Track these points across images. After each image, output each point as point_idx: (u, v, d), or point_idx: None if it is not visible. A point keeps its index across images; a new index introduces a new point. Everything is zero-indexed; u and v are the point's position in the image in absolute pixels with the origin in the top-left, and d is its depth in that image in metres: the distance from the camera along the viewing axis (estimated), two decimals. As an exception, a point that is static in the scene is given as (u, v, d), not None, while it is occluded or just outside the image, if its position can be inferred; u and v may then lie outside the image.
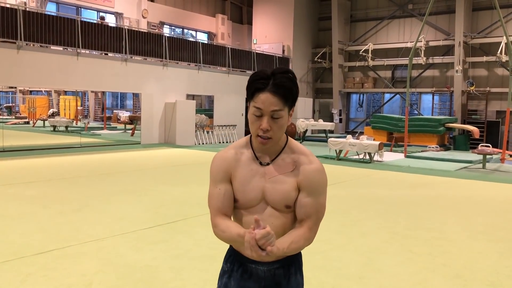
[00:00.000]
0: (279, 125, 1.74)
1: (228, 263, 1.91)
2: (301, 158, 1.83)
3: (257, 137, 1.76)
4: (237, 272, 1.87)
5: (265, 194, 1.80)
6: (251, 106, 1.75)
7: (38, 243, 4.94)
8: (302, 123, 18.82)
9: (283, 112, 1.73)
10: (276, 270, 1.85)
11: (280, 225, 1.81)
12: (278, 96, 1.70)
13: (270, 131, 1.73)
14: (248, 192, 1.79)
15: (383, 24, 22.41)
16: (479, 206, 7.63)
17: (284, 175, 1.80)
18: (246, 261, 1.85)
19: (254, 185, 1.80)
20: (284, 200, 1.79)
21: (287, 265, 1.88)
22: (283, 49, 22.82)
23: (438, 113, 21.01)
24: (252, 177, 1.80)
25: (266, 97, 1.69)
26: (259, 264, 1.84)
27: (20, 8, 12.96)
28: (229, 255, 1.92)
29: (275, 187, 1.79)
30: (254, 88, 1.72)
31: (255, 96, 1.72)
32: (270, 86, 1.69)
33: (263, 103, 1.70)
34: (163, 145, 16.12)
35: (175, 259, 4.51)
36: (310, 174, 1.81)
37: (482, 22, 19.66)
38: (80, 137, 16.36)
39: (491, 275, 4.35)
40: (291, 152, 1.84)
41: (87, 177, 9.38)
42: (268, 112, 1.70)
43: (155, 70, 16.34)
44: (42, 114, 24.86)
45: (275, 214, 1.80)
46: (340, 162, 12.99)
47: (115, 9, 20.95)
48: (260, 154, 1.83)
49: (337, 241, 5.37)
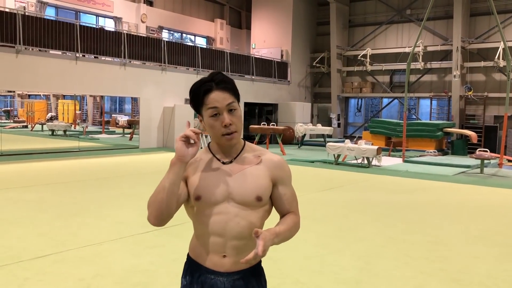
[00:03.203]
0: (237, 116, 1.76)
1: (187, 276, 1.84)
2: (263, 153, 1.85)
3: (221, 137, 1.75)
4: (196, 284, 1.80)
5: (231, 190, 1.74)
6: (205, 112, 1.75)
7: (36, 247, 4.93)
8: (301, 127, 18.82)
9: (236, 104, 1.77)
10: (236, 281, 1.78)
11: (246, 225, 1.74)
12: (227, 90, 1.74)
13: (233, 125, 1.74)
14: (211, 187, 1.74)
15: (381, 29, 22.49)
16: (476, 211, 7.64)
17: (251, 168, 1.79)
18: (205, 271, 1.79)
19: (218, 180, 1.75)
20: (255, 192, 1.75)
21: (247, 277, 1.80)
22: (282, 54, 22.87)
23: (436, 118, 21.04)
24: (214, 174, 1.77)
25: (217, 94, 1.73)
26: (219, 275, 1.77)
27: (19, 13, 12.98)
28: (187, 267, 1.86)
29: (244, 180, 1.76)
30: (203, 92, 1.74)
31: (206, 99, 1.74)
32: (215, 85, 1.74)
33: (216, 101, 1.72)
34: (162, 149, 16.12)
35: (173, 264, 4.51)
36: (279, 164, 1.84)
37: (480, 27, 19.74)
38: (78, 141, 16.35)
39: (488, 279, 4.36)
40: (251, 150, 1.85)
41: (85, 181, 9.38)
42: (224, 107, 1.73)
43: (154, 75, 16.37)
44: (40, 118, 24.84)
45: (242, 213, 1.74)
46: (338, 166, 13.01)
47: (114, 13, 20.99)
48: (220, 155, 1.81)
49: (334, 245, 5.38)
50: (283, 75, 22.33)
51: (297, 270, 4.43)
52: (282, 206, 1.85)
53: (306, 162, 13.74)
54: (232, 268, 1.76)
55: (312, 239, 5.52)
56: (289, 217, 1.84)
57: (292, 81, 22.89)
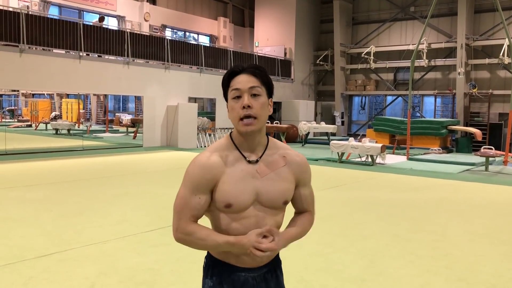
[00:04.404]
0: (259, 102, 1.69)
1: (213, 276, 1.80)
2: (288, 152, 1.83)
3: (239, 121, 1.69)
4: (226, 284, 1.77)
5: (259, 194, 1.73)
6: (229, 95, 1.73)
7: (40, 246, 4.94)
8: (304, 125, 18.80)
9: (261, 90, 1.71)
10: (265, 274, 1.82)
11: (273, 224, 1.76)
12: (254, 75, 1.71)
13: (253, 109, 1.67)
14: (242, 194, 1.70)
15: (385, 27, 22.41)
16: (481, 209, 7.60)
17: (278, 171, 1.77)
18: (236, 270, 1.78)
19: (247, 186, 1.71)
20: (283, 197, 1.77)
21: (273, 268, 1.87)
22: (285, 52, 22.84)
23: (441, 116, 20.95)
24: (243, 178, 1.72)
25: (243, 77, 1.70)
26: (249, 271, 1.77)
27: (22, 12, 13.01)
28: (212, 268, 1.81)
29: (272, 184, 1.74)
30: (230, 74, 1.72)
31: (231, 81, 1.71)
32: (245, 70, 1.71)
33: (240, 82, 1.70)
34: (165, 148, 16.13)
35: (177, 262, 4.51)
36: (303, 166, 1.84)
37: (484, 24, 19.64)
38: (82, 140, 16.38)
39: (494, 278, 4.33)
40: (275, 148, 1.81)
41: (89, 180, 9.39)
42: (246, 89, 1.68)
43: (157, 73, 16.37)
44: (44, 117, 24.91)
45: (269, 214, 1.75)
46: (342, 164, 12.97)
47: (117, 12, 21.02)
48: (247, 152, 1.75)
49: (339, 243, 5.36)
50: (286, 73, 22.29)
51: (301, 268, 4.42)
52: (300, 205, 1.90)
53: (310, 160, 13.71)
54: (260, 263, 1.79)
55: (317, 237, 5.50)
56: (304, 217, 1.90)
57: (296, 79, 22.85)
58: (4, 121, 27.59)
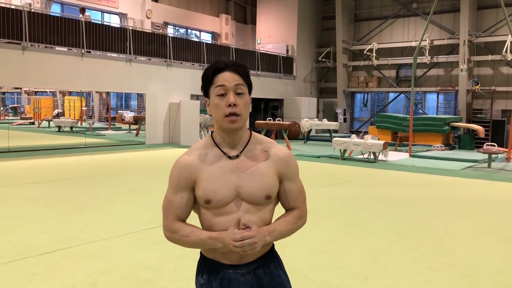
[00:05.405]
0: (244, 101, 1.73)
1: (204, 275, 1.81)
2: (270, 146, 1.82)
3: (224, 118, 1.71)
4: (215, 281, 1.77)
5: (239, 190, 1.73)
6: (212, 92, 1.74)
7: (43, 243, 4.95)
8: (306, 122, 18.78)
9: (245, 89, 1.75)
10: (255, 270, 1.79)
11: (257, 220, 1.73)
12: (238, 73, 1.73)
13: (238, 107, 1.70)
14: (220, 190, 1.71)
15: (387, 23, 22.34)
16: (484, 206, 7.59)
17: (259, 165, 1.76)
18: (223, 267, 1.77)
19: (226, 182, 1.72)
20: (265, 191, 1.75)
21: (264, 263, 1.82)
22: (287, 49, 22.80)
23: (443, 112, 20.91)
24: (222, 174, 1.73)
25: (227, 74, 1.72)
26: (237, 268, 1.77)
27: (25, 9, 13.01)
28: (203, 266, 1.83)
29: (252, 179, 1.73)
30: (213, 70, 1.73)
31: (215, 78, 1.73)
32: (227, 67, 1.73)
33: (225, 79, 1.71)
34: (168, 145, 16.14)
35: (180, 259, 4.51)
36: (286, 160, 1.82)
37: (487, 20, 19.56)
38: (85, 137, 16.40)
39: (497, 275, 4.32)
40: (257, 143, 1.81)
41: (92, 177, 9.40)
42: (231, 87, 1.71)
43: (159, 71, 16.37)
44: (47, 114, 24.96)
45: (252, 209, 1.74)
46: (345, 161, 12.97)
47: (119, 9, 21.00)
48: (226, 148, 1.77)
49: (342, 240, 5.36)
50: (288, 70, 22.26)
51: (304, 266, 4.42)
52: (286, 201, 1.85)
53: (312, 157, 13.71)
54: (248, 259, 1.78)
55: (319, 234, 5.50)
56: (290, 214, 1.84)
57: (298, 76, 22.82)
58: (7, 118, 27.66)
